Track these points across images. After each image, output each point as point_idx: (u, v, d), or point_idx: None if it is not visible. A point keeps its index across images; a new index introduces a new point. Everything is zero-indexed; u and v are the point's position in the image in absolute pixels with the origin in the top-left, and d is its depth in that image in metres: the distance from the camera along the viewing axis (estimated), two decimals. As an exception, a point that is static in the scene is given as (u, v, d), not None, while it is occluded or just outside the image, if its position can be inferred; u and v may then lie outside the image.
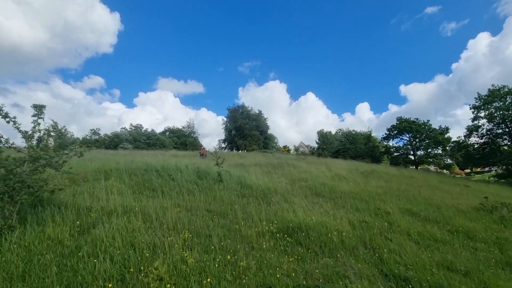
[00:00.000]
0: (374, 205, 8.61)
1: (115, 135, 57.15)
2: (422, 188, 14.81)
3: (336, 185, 11.55)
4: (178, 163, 9.45)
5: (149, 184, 7.30)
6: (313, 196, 9.47)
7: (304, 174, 14.31)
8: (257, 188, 9.03)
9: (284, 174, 14.02)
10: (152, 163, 8.89)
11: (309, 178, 13.18)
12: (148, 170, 8.33)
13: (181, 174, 8.26)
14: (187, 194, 7.13)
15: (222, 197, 7.39)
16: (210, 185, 8.12)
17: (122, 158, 12.12)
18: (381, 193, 10.96)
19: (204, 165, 9.83)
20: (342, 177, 14.88)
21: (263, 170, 14.94)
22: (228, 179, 9.11)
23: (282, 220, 5.83)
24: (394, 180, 17.00)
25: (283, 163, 19.18)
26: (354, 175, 16.79)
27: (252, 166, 16.75)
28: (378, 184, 13.81)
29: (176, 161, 10.81)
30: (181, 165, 9.23)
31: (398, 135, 55.66)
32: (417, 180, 18.90)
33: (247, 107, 74.36)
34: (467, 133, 32.30)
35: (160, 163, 9.08)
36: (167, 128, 74.50)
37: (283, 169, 16.46)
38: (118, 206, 5.17)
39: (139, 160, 10.52)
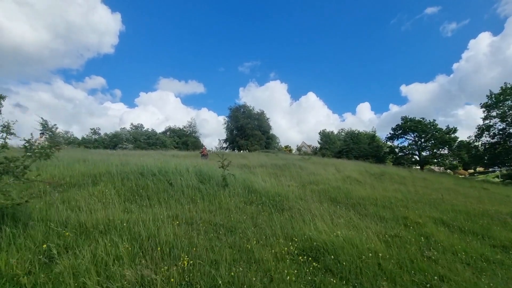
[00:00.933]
0: (399, 213, 7.59)
1: (115, 135, 56.24)
2: (440, 191, 13.78)
3: (351, 189, 10.54)
4: (178, 165, 8.46)
5: (144, 191, 6.31)
6: (328, 202, 8.46)
7: (314, 177, 13.30)
8: (266, 193, 8.03)
9: (292, 177, 13.02)
10: (148, 166, 7.90)
11: (320, 180, 12.18)
12: (144, 173, 7.34)
13: (181, 178, 7.27)
14: (188, 202, 6.13)
15: (228, 205, 6.39)
16: (213, 190, 7.12)
17: (117, 159, 11.13)
18: (401, 198, 9.94)
19: (207, 167, 8.83)
20: (354, 180, 13.87)
21: (269, 172, 13.95)
22: (233, 183, 8.12)
23: (302, 236, 4.82)
24: (408, 183, 15.96)
25: (289, 164, 18.17)
26: (366, 177, 15.77)
27: (257, 167, 15.76)
28: (394, 187, 12.79)
29: (176, 162, 9.81)
30: (182, 168, 8.23)
31: (403, 135, 54.61)
32: (431, 182, 17.86)
33: (249, 107, 73.23)
34: (478, 132, 31.15)
35: (158, 165, 8.08)
36: (168, 127, 73.60)
37: (290, 171, 15.46)
38: (102, 221, 4.17)
39: (134, 162, 9.52)
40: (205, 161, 20.88)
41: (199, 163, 15.24)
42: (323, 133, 76.83)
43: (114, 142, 53.93)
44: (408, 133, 54.37)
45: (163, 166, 7.89)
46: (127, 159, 13.22)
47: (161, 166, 7.95)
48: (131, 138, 57.29)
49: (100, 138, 56.61)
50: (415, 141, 53.65)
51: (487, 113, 29.71)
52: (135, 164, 8.61)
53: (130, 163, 8.80)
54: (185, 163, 11.80)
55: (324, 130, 76.61)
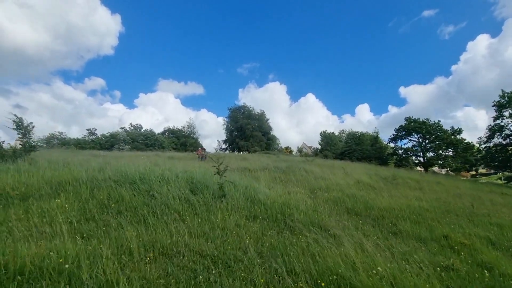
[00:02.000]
0: (436, 230, 6.19)
1: (112, 135, 54.69)
2: (463, 198, 12.39)
3: (368, 198, 9.15)
4: (166, 171, 7.05)
5: (117, 205, 4.91)
6: (346, 215, 7.06)
7: (323, 181, 11.91)
8: (272, 204, 6.64)
9: (298, 182, 11.62)
10: (129, 171, 6.48)
11: (331, 186, 10.79)
12: (121, 181, 5.93)
13: (168, 187, 5.87)
14: (174, 220, 4.74)
15: (226, 223, 4.99)
16: (208, 203, 5.72)
17: (101, 162, 9.74)
18: (428, 209, 8.55)
19: (201, 173, 7.42)
20: (366, 185, 12.47)
21: (273, 177, 12.56)
22: (232, 192, 6.72)
23: (329, 274, 3.42)
24: (425, 188, 14.56)
25: (292, 166, 16.77)
26: (378, 181, 14.37)
27: (258, 170, 14.37)
28: (414, 194, 11.39)
29: (166, 167, 8.41)
30: (170, 174, 6.83)
31: (406, 136, 53.26)
32: (447, 187, 16.46)
33: (248, 107, 71.90)
34: (489, 133, 29.72)
35: (141, 170, 6.65)
36: (167, 128, 72.08)
37: (295, 175, 14.06)
38: (34, 261, 2.77)
39: (118, 165, 8.10)
40: (202, 163, 19.50)
41: (195, 166, 13.87)
42: (324, 134, 75.52)
43: (110, 142, 52.44)
44: (411, 134, 53.00)
45: (147, 172, 6.47)
46: (114, 162, 11.86)
47: (145, 171, 6.54)
48: (128, 139, 55.77)
49: (97, 138, 55.07)
50: (419, 142, 52.27)
51: (499, 112, 28.33)
52: (117, 169, 7.20)
53: (110, 168, 7.39)
54: (178, 167, 10.43)
55: (325, 131, 75.28)
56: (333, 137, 74.49)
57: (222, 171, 6.60)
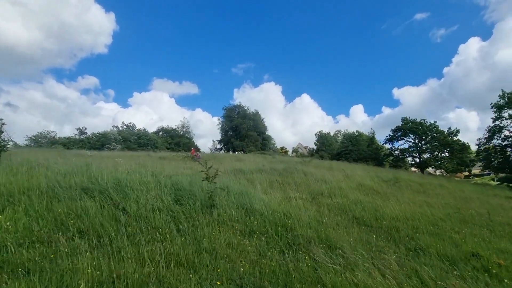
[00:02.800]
0: (460, 245, 5.35)
1: (103, 135, 53.06)
2: (472, 203, 11.67)
3: (374, 204, 8.30)
4: (149, 176, 6.06)
5: (77, 221, 3.90)
6: (355, 226, 6.19)
7: (323, 185, 11.03)
8: (270, 215, 5.72)
9: (298, 185, 10.72)
10: (101, 177, 5.45)
11: (332, 191, 9.91)
12: (89, 189, 4.91)
13: (148, 197, 4.90)
14: (150, 240, 3.78)
15: (216, 242, 4.04)
16: (195, 215, 4.77)
17: (77, 163, 8.69)
18: (442, 217, 7.73)
19: (189, 178, 6.42)
20: (370, 189, 11.64)
21: (270, 180, 11.64)
22: (225, 200, 5.78)
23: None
24: (429, 192, 13.82)
25: (290, 168, 15.88)
26: (381, 184, 13.57)
27: (254, 172, 13.43)
28: (421, 200, 10.60)
29: (148, 171, 7.42)
30: (153, 179, 5.84)
31: (402, 137, 52.93)
32: (451, 190, 15.76)
33: (244, 107, 70.92)
34: (489, 134, 29.25)
35: (116, 176, 5.62)
36: (161, 127, 70.57)
37: (293, 177, 13.16)
38: None
39: (92, 169, 7.08)
40: (194, 164, 18.49)
41: (186, 167, 12.85)
42: (320, 134, 74.89)
43: (101, 142, 50.85)
44: (408, 135, 52.70)
45: (124, 178, 5.47)
46: (96, 163, 10.83)
47: (122, 177, 5.53)
48: (120, 138, 54.23)
49: (87, 138, 53.38)
50: (416, 143, 51.98)
51: (498, 114, 27.87)
52: (85, 173, 6.17)
53: (80, 172, 6.35)
54: (167, 170, 9.47)
55: (321, 132, 74.69)
56: (328, 137, 74.00)
57: (212, 176, 5.64)
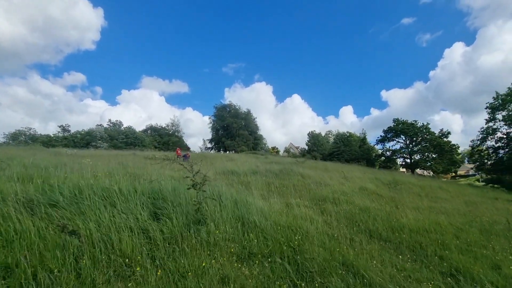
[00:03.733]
0: (499, 266, 4.46)
1: (88, 133, 50.73)
2: (477, 207, 10.97)
3: (384, 212, 7.40)
4: (121, 181, 4.89)
5: (3, 252, 2.77)
6: (373, 241, 5.22)
7: (325, 189, 10.07)
8: (272, 229, 4.68)
9: (297, 190, 9.73)
10: (55, 183, 4.23)
11: (335, 196, 8.96)
12: (39, 201, 3.71)
13: (114, 212, 3.74)
14: (114, 275, 2.69)
15: (205, 277, 2.97)
16: (178, 235, 3.68)
17: (45, 163, 7.42)
18: (461, 227, 6.89)
19: (173, 184, 5.27)
20: (374, 193, 10.76)
21: (266, 182, 10.61)
22: (216, 211, 4.70)
23: None
24: (432, 196, 13.10)
25: (286, 169, 14.87)
26: (382, 188, 12.73)
27: (248, 174, 12.38)
28: (429, 205, 9.81)
29: (122, 175, 6.25)
30: (127, 185, 4.68)
31: (394, 138, 52.97)
32: (452, 193, 15.15)
33: (235, 106, 69.69)
34: (482, 136, 29.10)
35: (78, 182, 4.40)
36: (149, 126, 68.43)
37: (291, 180, 12.17)
38: None
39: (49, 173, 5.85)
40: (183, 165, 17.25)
41: (173, 169, 11.64)
42: (312, 134, 74.45)
43: (86, 140, 48.58)
44: (399, 136, 52.80)
45: (89, 184, 4.27)
46: (71, 163, 9.54)
47: (86, 183, 4.32)
48: (107, 137, 52.04)
49: (71, 136, 50.94)
50: (407, 144, 52.10)
51: (492, 115, 27.72)
52: (46, 178, 4.95)
53: (38, 175, 5.12)
54: (149, 172, 8.29)
55: (313, 132, 74.27)
56: (320, 137, 73.71)
57: (200, 183, 4.50)
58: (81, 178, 4.77)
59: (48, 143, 44.39)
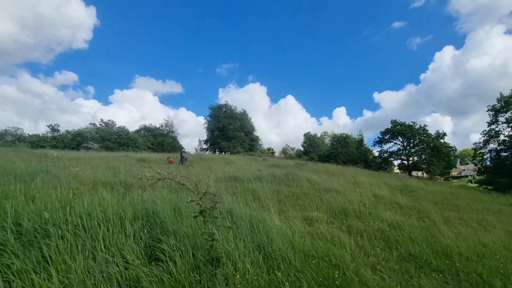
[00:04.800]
0: None
1: (78, 133, 48.79)
2: (501, 216, 10.10)
3: (417, 227, 6.40)
4: (103, 203, 3.72)
5: None
6: (424, 273, 4.19)
7: (340, 198, 9.03)
8: (303, 262, 3.63)
9: (311, 200, 8.66)
10: (8, 207, 3.10)
11: (354, 206, 7.94)
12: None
13: (94, 252, 2.62)
14: None
15: None
16: (184, 283, 2.60)
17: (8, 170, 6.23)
18: (509, 247, 5.93)
19: (173, 205, 4.12)
20: (392, 203, 9.79)
21: (274, 190, 9.54)
22: (231, 237, 3.62)
23: None
24: (449, 203, 12.20)
25: (291, 174, 13.83)
26: (398, 196, 11.74)
27: (252, 180, 11.29)
28: (455, 215, 8.87)
29: (108, 190, 5.12)
30: (110, 208, 3.53)
31: (391, 139, 52.50)
32: (466, 200, 14.30)
33: (231, 106, 68.34)
34: (484, 138, 28.54)
35: (42, 209, 3.20)
36: (143, 126, 66.58)
37: (298, 185, 11.14)
38: None
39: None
40: (181, 169, 16.07)
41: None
42: (308, 136, 73.60)
43: (77, 141, 46.70)
44: (397, 138, 52.35)
45: (61, 206, 3.12)
46: (55, 168, 8.38)
47: (58, 205, 3.17)
48: (98, 137, 50.21)
49: (60, 136, 48.96)
50: (404, 146, 51.68)
51: (494, 118, 27.18)
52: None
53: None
54: (142, 181, 7.14)
55: (309, 133, 73.47)
56: (316, 139, 73.01)
57: (210, 208, 3.32)
58: (55, 199, 3.59)
59: (36, 143, 42.43)
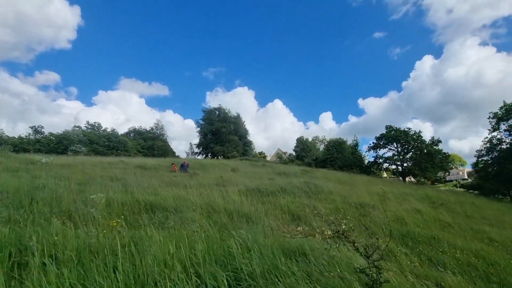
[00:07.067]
0: None
1: (64, 136, 46.01)
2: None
3: (490, 253, 5.50)
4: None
5: None
6: None
7: (381, 216, 8.04)
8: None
9: (353, 217, 7.63)
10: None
11: (410, 228, 6.97)
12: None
13: None
14: None
15: None
16: None
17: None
18: None
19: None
20: (439, 221, 8.90)
21: (310, 206, 8.45)
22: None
23: None
24: (484, 217, 11.51)
25: (312, 184, 12.78)
26: (429, 208, 10.91)
27: (277, 192, 10.18)
28: (506, 234, 8.09)
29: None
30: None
31: (386, 145, 52.69)
32: (487, 210, 13.73)
33: (224, 109, 66.70)
34: (485, 146, 28.59)
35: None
36: (132, 128, 64.03)
37: (329, 199, 10.12)
38: None
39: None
40: (184, 178, 14.71)
41: (198, 196, 9.02)
42: (300, 140, 72.98)
43: (64, 144, 43.92)
44: (392, 143, 52.59)
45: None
46: (53, 181, 7.00)
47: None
48: (86, 140, 47.60)
49: (45, 138, 46.01)
50: (398, 151, 51.98)
51: (496, 125, 27.28)
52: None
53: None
54: (167, 195, 5.95)
55: (301, 137, 72.91)
56: (308, 143, 72.58)
57: (378, 274, 2.04)
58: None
59: (18, 145, 39.52)
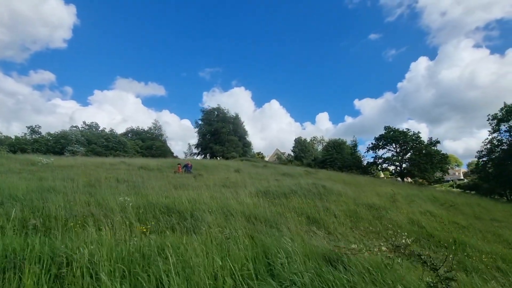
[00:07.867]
0: None
1: (62, 135, 45.38)
2: None
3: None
4: None
5: None
6: None
7: (395, 218, 7.91)
8: None
9: (368, 220, 7.48)
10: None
11: (429, 231, 6.83)
12: None
13: None
14: None
15: None
16: None
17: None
18: None
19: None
20: (454, 223, 8.79)
21: (323, 208, 8.28)
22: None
23: None
24: (494, 218, 11.44)
25: (318, 185, 12.61)
26: (443, 211, 10.81)
27: (287, 194, 10.00)
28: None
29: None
30: None
31: (385, 146, 52.76)
32: (494, 210, 13.68)
33: (223, 109, 66.45)
34: (485, 147, 28.68)
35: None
36: (130, 129, 63.44)
37: (341, 201, 9.96)
38: None
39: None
40: (189, 179, 14.49)
41: (206, 196, 8.78)
42: (299, 140, 72.97)
43: (61, 144, 43.36)
44: (391, 144, 52.66)
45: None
46: (61, 183, 6.75)
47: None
48: (84, 140, 47.04)
49: (42, 138, 45.35)
50: (397, 152, 52.06)
51: (496, 126, 27.39)
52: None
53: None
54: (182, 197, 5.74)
55: (300, 138, 72.92)
56: (306, 143, 72.58)
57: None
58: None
59: (15, 146, 38.90)
